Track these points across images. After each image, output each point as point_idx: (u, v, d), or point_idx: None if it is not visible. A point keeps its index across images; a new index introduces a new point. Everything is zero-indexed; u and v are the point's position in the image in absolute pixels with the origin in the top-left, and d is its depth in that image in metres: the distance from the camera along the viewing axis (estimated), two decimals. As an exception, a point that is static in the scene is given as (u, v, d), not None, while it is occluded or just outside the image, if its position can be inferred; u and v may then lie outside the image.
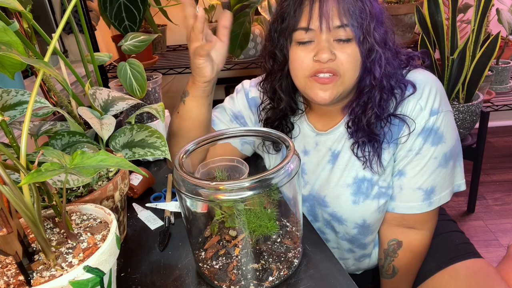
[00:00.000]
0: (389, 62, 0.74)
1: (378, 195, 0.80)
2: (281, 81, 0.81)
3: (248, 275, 0.63)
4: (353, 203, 0.80)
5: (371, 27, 0.70)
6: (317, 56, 0.70)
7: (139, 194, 0.92)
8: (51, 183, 0.57)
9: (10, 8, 0.49)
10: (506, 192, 2.03)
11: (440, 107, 0.75)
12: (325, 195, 0.84)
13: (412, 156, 0.77)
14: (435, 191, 0.79)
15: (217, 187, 0.55)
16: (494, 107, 1.78)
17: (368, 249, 0.90)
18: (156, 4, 1.57)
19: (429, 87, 0.75)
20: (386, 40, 0.73)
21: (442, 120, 0.75)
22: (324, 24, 0.69)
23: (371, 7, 0.70)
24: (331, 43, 0.71)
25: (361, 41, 0.70)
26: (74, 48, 1.73)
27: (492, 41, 1.45)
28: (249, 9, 1.27)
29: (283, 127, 0.88)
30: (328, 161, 0.84)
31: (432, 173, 0.77)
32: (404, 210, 0.81)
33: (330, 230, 0.89)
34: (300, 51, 0.73)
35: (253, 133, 0.70)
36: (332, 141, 0.84)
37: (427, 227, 0.83)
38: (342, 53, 0.70)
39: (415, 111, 0.75)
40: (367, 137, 0.76)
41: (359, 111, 0.76)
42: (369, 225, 0.83)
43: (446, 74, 1.56)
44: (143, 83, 0.88)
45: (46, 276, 0.44)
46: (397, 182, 0.80)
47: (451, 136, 0.77)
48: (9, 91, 0.67)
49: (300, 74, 0.75)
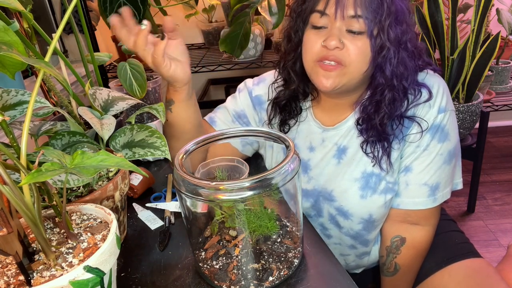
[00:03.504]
0: (403, 63, 0.73)
1: (386, 190, 0.80)
2: (294, 62, 0.83)
3: (248, 275, 0.63)
4: (360, 198, 0.81)
5: (386, 24, 0.70)
6: (326, 42, 0.71)
7: (139, 194, 0.92)
8: (52, 183, 0.56)
9: (11, 8, 0.49)
10: (506, 192, 2.03)
11: (447, 106, 0.77)
12: (332, 189, 0.84)
13: (420, 152, 0.78)
14: (439, 187, 0.80)
15: (217, 187, 0.55)
16: (494, 107, 1.78)
17: (369, 247, 0.90)
18: (156, 4, 1.56)
19: (437, 87, 0.77)
20: (402, 39, 0.73)
21: (449, 118, 0.77)
22: (339, 11, 0.70)
23: (390, 3, 0.70)
24: (342, 32, 0.71)
25: (373, 35, 0.70)
26: (74, 48, 1.73)
27: (492, 41, 1.45)
28: (249, 9, 1.27)
29: (291, 109, 0.88)
30: (333, 156, 0.84)
31: (438, 169, 0.79)
32: (409, 206, 0.81)
33: (334, 225, 0.89)
34: (313, 35, 0.74)
35: (253, 133, 0.70)
36: (339, 136, 0.84)
37: (431, 223, 0.84)
38: (352, 44, 0.71)
39: (424, 109, 0.77)
40: (377, 136, 0.77)
41: (372, 109, 0.77)
42: (374, 221, 0.83)
43: (446, 74, 1.56)
44: (143, 83, 0.88)
45: (46, 276, 0.44)
46: (403, 178, 0.81)
47: (455, 134, 0.79)
48: (9, 91, 0.67)
49: (308, 57, 0.76)
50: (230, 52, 1.33)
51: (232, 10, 1.40)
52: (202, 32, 2.10)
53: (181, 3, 1.78)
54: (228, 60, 1.79)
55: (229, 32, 1.31)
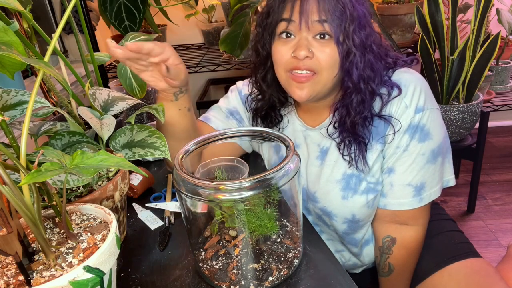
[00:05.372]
0: (369, 66, 0.74)
1: (367, 191, 0.81)
2: (265, 74, 0.84)
3: (248, 275, 0.63)
4: (342, 199, 0.82)
5: (351, 29, 0.71)
6: (295, 52, 0.73)
7: (139, 194, 0.92)
8: (51, 183, 0.57)
9: (10, 8, 0.49)
10: (506, 192, 2.03)
11: (425, 105, 0.76)
12: (315, 191, 0.85)
13: (400, 153, 0.78)
14: (425, 187, 0.80)
15: (217, 187, 0.55)
16: (494, 107, 1.78)
17: (358, 247, 0.91)
18: (156, 4, 1.57)
19: (413, 86, 0.77)
20: (367, 43, 0.74)
21: (428, 117, 0.76)
22: (303, 17, 0.71)
23: (352, 9, 0.71)
24: (309, 41, 0.73)
25: (340, 41, 0.71)
26: (74, 48, 1.73)
27: (492, 41, 1.45)
28: (249, 9, 1.27)
29: (272, 118, 0.90)
30: (317, 157, 0.85)
31: (421, 169, 0.78)
32: (395, 206, 0.82)
33: (322, 223, 0.91)
34: (281, 45, 0.76)
35: (253, 133, 0.70)
36: (321, 137, 0.85)
37: (420, 223, 0.84)
38: (321, 52, 0.72)
39: (400, 109, 0.76)
40: (351, 138, 0.78)
41: (343, 112, 0.78)
42: (358, 220, 0.84)
43: (446, 74, 1.56)
44: (143, 83, 0.88)
45: (46, 276, 0.44)
46: (388, 179, 0.81)
47: (438, 132, 0.78)
48: (9, 91, 0.67)
49: (280, 68, 0.77)
50: (230, 52, 1.33)
51: (232, 10, 1.40)
52: (202, 32, 2.10)
53: (181, 3, 1.78)
54: (228, 60, 1.79)
55: (229, 32, 1.31)
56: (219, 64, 1.78)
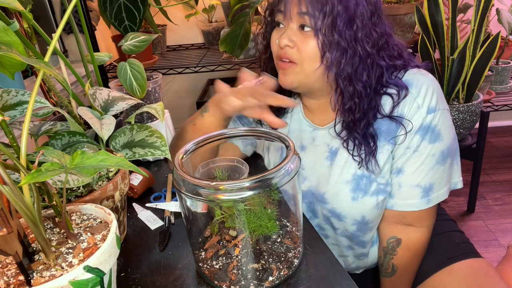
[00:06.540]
0: (356, 63, 0.72)
1: (377, 192, 0.80)
2: (267, 64, 0.87)
3: (248, 275, 0.63)
4: (352, 200, 0.81)
5: (337, 23, 0.70)
6: (278, 41, 0.76)
7: (139, 194, 0.92)
8: (51, 183, 0.57)
9: (10, 8, 0.49)
10: (506, 192, 2.03)
11: (437, 105, 0.76)
12: (324, 191, 0.84)
13: (410, 153, 0.77)
14: (433, 188, 0.79)
15: (217, 187, 0.55)
16: (494, 107, 1.78)
17: (366, 248, 0.90)
18: (156, 4, 1.56)
19: (426, 86, 0.76)
20: (356, 39, 0.72)
21: (439, 118, 0.76)
22: (288, 8, 0.74)
23: (337, 3, 0.69)
24: (295, 31, 0.74)
25: (319, 34, 0.71)
26: (74, 48, 1.73)
27: (492, 41, 1.45)
28: (249, 9, 1.27)
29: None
30: (326, 158, 0.85)
31: (430, 171, 0.78)
32: (403, 207, 0.81)
33: (329, 226, 0.89)
34: (274, 34, 0.79)
35: (253, 133, 0.70)
36: (330, 138, 0.84)
37: (426, 225, 0.84)
38: (302, 43, 0.74)
39: (412, 110, 0.76)
40: (360, 138, 0.77)
41: (343, 111, 0.78)
42: (367, 222, 0.83)
43: (446, 74, 1.56)
44: (143, 83, 0.88)
45: (46, 276, 0.44)
46: (396, 180, 0.80)
47: (448, 134, 0.78)
48: (9, 91, 0.67)
49: (274, 56, 0.80)
50: (230, 52, 1.33)
51: (232, 10, 1.40)
52: (202, 32, 2.10)
53: (181, 3, 1.78)
54: (228, 60, 1.79)
55: (229, 32, 1.31)
56: (219, 64, 1.78)
